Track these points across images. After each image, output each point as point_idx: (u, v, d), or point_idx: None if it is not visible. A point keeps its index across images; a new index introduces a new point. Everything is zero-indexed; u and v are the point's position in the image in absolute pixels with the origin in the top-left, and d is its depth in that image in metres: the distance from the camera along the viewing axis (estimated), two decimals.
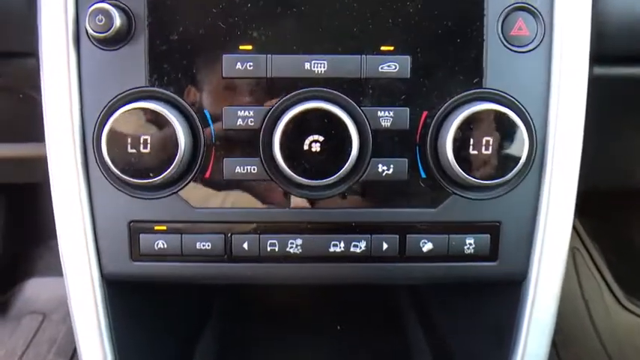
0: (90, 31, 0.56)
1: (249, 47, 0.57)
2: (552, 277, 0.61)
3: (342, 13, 0.57)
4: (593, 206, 1.11)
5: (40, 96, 0.62)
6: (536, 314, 0.62)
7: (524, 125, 0.56)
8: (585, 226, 1.35)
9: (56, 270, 1.70)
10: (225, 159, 0.58)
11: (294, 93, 0.57)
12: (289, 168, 0.56)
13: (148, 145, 0.56)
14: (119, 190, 0.58)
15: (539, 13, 0.57)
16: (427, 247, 0.59)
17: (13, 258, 1.60)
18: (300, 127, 0.55)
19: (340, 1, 0.56)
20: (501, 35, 0.57)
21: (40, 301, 1.59)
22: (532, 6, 0.57)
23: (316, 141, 0.55)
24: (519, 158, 0.56)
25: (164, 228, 0.59)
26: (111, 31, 0.56)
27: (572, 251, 1.32)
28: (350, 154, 0.55)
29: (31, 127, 0.73)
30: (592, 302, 1.26)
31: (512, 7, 0.57)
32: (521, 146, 0.56)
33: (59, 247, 0.60)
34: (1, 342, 1.41)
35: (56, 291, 1.62)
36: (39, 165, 0.86)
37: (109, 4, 0.56)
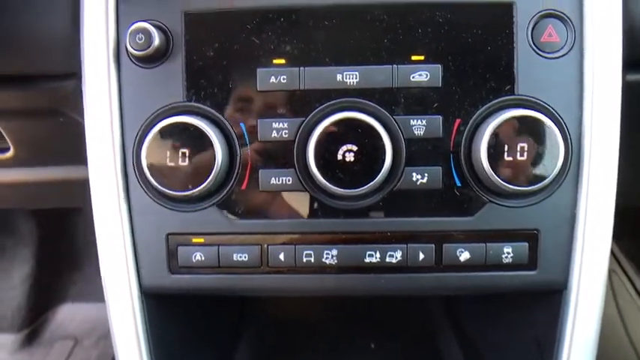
0: (130, 49, 0.58)
1: (283, 61, 0.58)
2: (594, 285, 0.59)
3: (372, 25, 0.58)
4: (629, 227, 1.08)
5: (81, 117, 0.64)
6: (578, 325, 0.61)
7: (559, 130, 0.55)
8: (622, 247, 1.32)
9: (88, 296, 1.72)
10: (260, 170, 0.59)
11: (327, 104, 0.58)
12: (324, 178, 0.56)
13: (186, 158, 0.57)
14: (158, 203, 0.59)
15: (569, 19, 0.58)
16: (464, 256, 0.59)
17: (46, 284, 1.63)
18: (334, 137, 0.56)
19: (370, 12, 0.58)
20: (531, 42, 0.58)
21: (72, 327, 1.61)
22: (561, 12, 0.58)
23: (350, 150, 0.56)
24: (555, 164, 0.55)
25: (202, 240, 0.60)
26: (150, 49, 0.58)
27: (609, 273, 1.29)
28: (384, 163, 0.56)
29: (70, 150, 0.75)
30: (630, 324, 1.22)
31: (541, 13, 0.58)
32: (556, 152, 0.55)
33: (100, 262, 0.62)
34: None
35: (88, 316, 1.64)
36: (75, 188, 0.88)
37: (149, 23, 0.58)
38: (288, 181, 0.58)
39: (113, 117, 0.59)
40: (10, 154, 0.86)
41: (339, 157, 0.56)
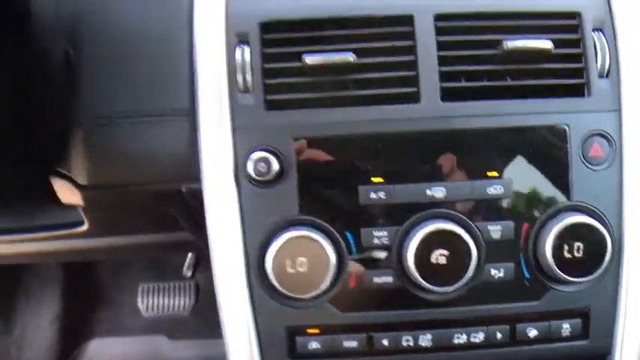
0: (252, 175, 0.68)
1: (380, 179, 0.70)
2: (634, 349, 0.74)
3: (455, 148, 0.70)
4: None
5: (181, 212, 0.73)
6: None
7: (607, 231, 0.69)
8: None
9: (116, 331, 1.80)
10: (365, 271, 0.70)
11: (419, 215, 0.70)
12: (421, 277, 0.68)
13: (305, 265, 0.68)
14: (279, 302, 0.70)
15: (611, 137, 0.71)
16: (532, 332, 0.72)
17: (75, 322, 1.69)
18: (428, 243, 0.68)
19: (452, 140, 0.70)
20: (582, 157, 0.71)
21: None
22: (605, 132, 0.71)
23: (442, 255, 0.68)
24: (604, 259, 0.69)
25: (316, 331, 0.71)
26: (269, 175, 0.68)
27: None
28: (470, 264, 0.68)
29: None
30: None
31: (589, 133, 0.71)
32: (604, 249, 0.69)
33: (226, 349, 0.72)
34: None
35: (117, 351, 1.72)
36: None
37: (267, 151, 0.68)
38: (389, 279, 0.70)
39: (235, 230, 0.70)
40: (84, 228, 0.93)
41: (433, 259, 0.68)
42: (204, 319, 1.76)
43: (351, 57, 0.69)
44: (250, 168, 0.68)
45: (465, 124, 0.70)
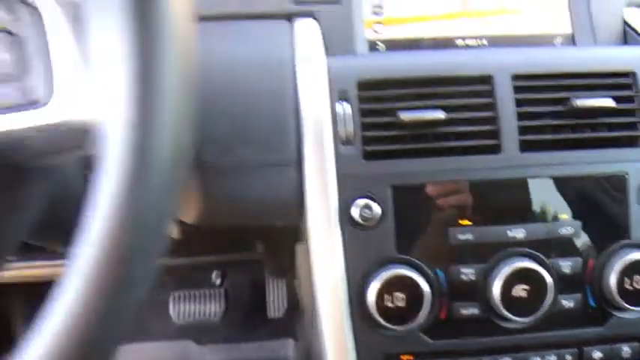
0: (357, 219, 0.76)
1: (468, 222, 0.79)
2: None
3: (531, 194, 0.79)
4: None
5: None
6: None
7: None
8: None
9: (145, 337, 1.85)
10: (454, 303, 0.79)
11: (501, 253, 0.79)
12: (504, 309, 0.77)
13: (402, 299, 0.77)
14: (377, 332, 0.79)
15: None
16: (597, 354, 0.82)
17: None
18: (511, 279, 0.77)
19: (528, 187, 0.79)
20: (638, 200, 0.81)
21: None
22: None
23: (523, 289, 0.77)
24: None
25: (410, 357, 0.80)
26: (373, 220, 0.76)
27: None
28: (546, 297, 0.77)
29: None
30: None
31: None
32: None
33: None
34: None
35: (146, 355, 1.78)
36: None
37: (369, 198, 0.77)
38: (475, 311, 0.79)
39: (339, 268, 0.78)
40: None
41: (514, 293, 0.77)
42: (233, 325, 1.83)
43: (441, 114, 0.78)
44: (355, 213, 0.77)
45: (539, 173, 0.80)
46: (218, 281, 1.82)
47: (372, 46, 0.89)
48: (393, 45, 0.90)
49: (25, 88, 0.40)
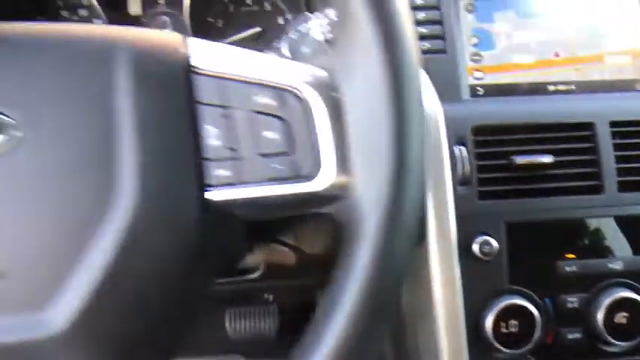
0: (478, 255, 0.85)
1: (573, 256, 0.87)
2: None
3: (629, 229, 0.88)
4: None
5: None
6: None
7: None
8: None
9: (196, 351, 1.91)
10: (561, 329, 0.87)
11: (603, 284, 0.87)
12: (608, 335, 0.85)
13: (516, 326, 0.85)
14: (492, 356, 0.87)
15: None
16: None
17: None
18: (613, 308, 0.85)
19: (627, 223, 0.88)
20: None
21: None
22: None
23: (624, 316, 0.86)
24: None
25: None
26: (492, 255, 0.85)
27: None
28: None
29: None
30: None
31: None
32: None
33: None
34: None
35: None
36: None
37: (486, 235, 0.85)
38: (579, 336, 0.87)
39: (457, 298, 0.86)
40: (256, 274, 1.07)
41: (616, 320, 0.86)
42: (285, 340, 1.90)
43: (550, 158, 0.86)
44: (476, 249, 0.85)
45: (637, 211, 0.88)
46: (270, 298, 1.89)
47: (474, 91, 0.98)
48: (492, 90, 0.98)
49: (295, 163, 0.48)
